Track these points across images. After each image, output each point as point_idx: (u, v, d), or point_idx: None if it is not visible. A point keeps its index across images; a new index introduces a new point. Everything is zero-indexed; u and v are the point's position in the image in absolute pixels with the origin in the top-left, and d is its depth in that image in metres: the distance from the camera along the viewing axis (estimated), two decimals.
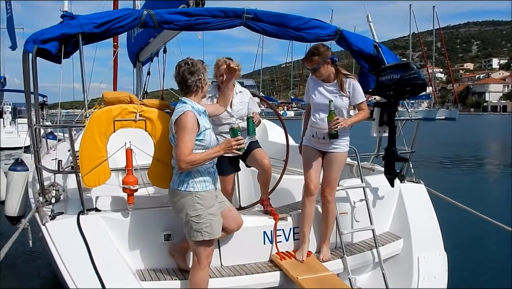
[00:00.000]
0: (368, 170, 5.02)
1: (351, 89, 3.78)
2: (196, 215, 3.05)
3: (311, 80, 3.91)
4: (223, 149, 3.05)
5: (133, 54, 9.17)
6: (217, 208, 3.19)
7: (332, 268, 3.68)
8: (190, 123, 3.01)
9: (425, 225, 4.23)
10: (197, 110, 3.13)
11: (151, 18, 3.79)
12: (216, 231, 3.12)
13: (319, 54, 3.73)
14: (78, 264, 2.98)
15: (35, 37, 3.49)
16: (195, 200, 3.06)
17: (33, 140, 3.67)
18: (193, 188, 3.08)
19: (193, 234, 3.07)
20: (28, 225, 3.58)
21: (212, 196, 3.18)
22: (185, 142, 2.98)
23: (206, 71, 3.23)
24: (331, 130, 3.61)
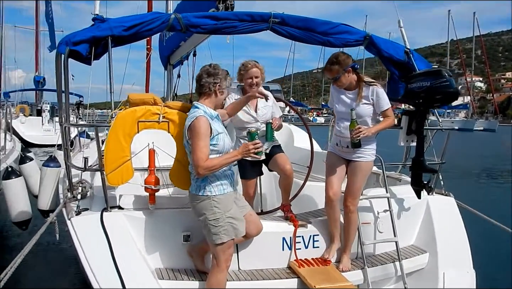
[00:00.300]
0: (395, 180, 4.90)
1: (375, 97, 3.69)
2: (214, 218, 3.07)
3: (333, 88, 3.87)
4: (241, 153, 3.04)
5: (164, 57, 9.34)
6: (236, 210, 3.19)
7: (352, 278, 3.59)
8: (203, 128, 3.02)
9: (452, 240, 4.08)
10: (209, 115, 3.14)
11: (178, 21, 3.84)
12: (235, 233, 3.12)
13: (339, 63, 3.66)
14: (99, 259, 3.06)
15: (67, 39, 3.60)
16: (212, 204, 3.07)
17: (63, 138, 3.78)
18: (210, 192, 3.09)
19: (212, 237, 3.09)
20: (55, 219, 3.71)
21: (230, 198, 3.18)
22: (200, 148, 2.99)
23: (226, 80, 3.23)
24: (353, 140, 3.55)
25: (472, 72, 79.46)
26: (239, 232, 3.16)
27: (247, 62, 4.10)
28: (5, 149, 7.45)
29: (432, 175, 4.23)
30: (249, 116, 4.10)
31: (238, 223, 3.15)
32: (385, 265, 3.83)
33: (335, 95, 3.83)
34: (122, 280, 2.93)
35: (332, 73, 3.68)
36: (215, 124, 3.14)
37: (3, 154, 7.05)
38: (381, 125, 3.72)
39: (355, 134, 3.52)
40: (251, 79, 4.05)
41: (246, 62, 4.10)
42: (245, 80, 4.08)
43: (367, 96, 3.69)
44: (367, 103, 3.70)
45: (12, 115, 22.49)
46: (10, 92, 28.62)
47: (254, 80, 4.06)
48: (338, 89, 3.80)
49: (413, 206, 4.22)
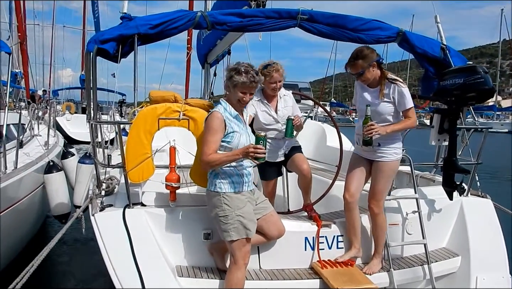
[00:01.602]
0: (428, 181, 4.72)
1: (397, 95, 3.51)
2: (223, 215, 3.07)
3: (357, 84, 3.74)
4: (242, 153, 2.97)
5: (202, 55, 9.46)
6: (249, 210, 3.16)
7: (377, 281, 3.48)
8: (215, 124, 3.02)
9: (487, 243, 3.88)
10: (229, 113, 3.13)
11: (204, 19, 3.84)
12: (244, 232, 3.09)
13: (363, 57, 3.51)
14: (120, 254, 3.10)
15: (96, 38, 3.69)
16: (222, 201, 3.08)
17: (91, 135, 3.88)
18: (220, 188, 3.10)
19: (222, 234, 3.11)
20: (82, 214, 3.80)
21: (242, 198, 3.15)
22: (208, 142, 3.01)
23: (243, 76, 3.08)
24: (364, 137, 3.40)
25: None
26: (249, 232, 3.11)
27: (271, 65, 3.96)
28: (48, 144, 7.76)
29: (464, 176, 4.02)
30: (270, 117, 4.05)
31: (249, 223, 3.11)
32: (413, 268, 3.69)
33: (358, 92, 3.71)
34: (141, 276, 2.96)
35: (355, 69, 3.53)
36: (232, 122, 3.12)
37: (46, 148, 7.34)
38: (398, 125, 3.53)
39: (366, 131, 3.37)
40: (274, 84, 3.98)
41: (271, 66, 3.95)
42: (267, 83, 3.99)
43: (389, 94, 3.54)
44: (388, 101, 3.54)
45: (59, 113, 23.62)
46: (58, 90, 29.96)
47: (277, 85, 4.00)
48: (362, 86, 3.68)
49: (445, 208, 4.04)
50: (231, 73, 3.10)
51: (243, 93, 3.11)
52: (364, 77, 3.54)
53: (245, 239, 3.11)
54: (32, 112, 9.22)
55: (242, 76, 3.05)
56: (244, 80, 3.05)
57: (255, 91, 3.28)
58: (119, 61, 3.77)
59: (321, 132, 6.49)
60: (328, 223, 3.73)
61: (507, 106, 78.65)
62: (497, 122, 66.23)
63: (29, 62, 14.90)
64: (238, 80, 3.06)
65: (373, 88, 3.63)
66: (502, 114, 71.85)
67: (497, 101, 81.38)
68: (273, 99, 4.14)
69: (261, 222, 3.31)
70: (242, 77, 3.05)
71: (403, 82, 3.60)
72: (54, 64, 33.08)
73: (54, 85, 33.23)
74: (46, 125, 9.27)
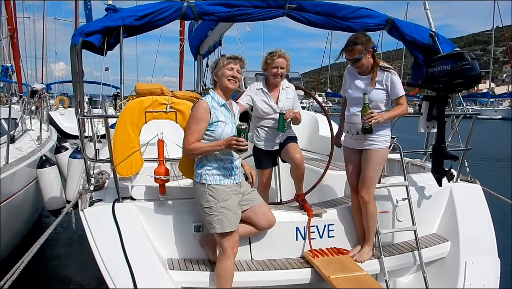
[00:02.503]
0: (419, 168, 4.74)
1: (389, 83, 3.51)
2: (208, 206, 3.10)
3: (348, 72, 3.72)
4: (224, 144, 3.00)
5: (194, 47, 9.42)
6: (233, 202, 3.16)
7: (368, 268, 3.50)
8: (200, 112, 3.06)
9: (476, 227, 3.91)
10: (217, 102, 3.16)
11: (191, 9, 3.82)
12: (228, 225, 3.10)
13: (362, 43, 3.48)
14: (109, 249, 3.09)
15: (81, 30, 3.64)
16: (207, 192, 3.11)
17: (79, 129, 3.85)
18: (205, 180, 3.12)
19: (208, 225, 3.15)
20: (72, 209, 3.79)
21: (228, 190, 3.15)
22: (191, 131, 3.06)
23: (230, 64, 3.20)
24: (365, 125, 3.40)
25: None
26: (233, 226, 3.12)
27: (275, 51, 4.01)
28: (41, 139, 7.73)
29: (453, 162, 4.04)
30: (269, 107, 4.04)
31: (231, 216, 3.12)
32: (404, 254, 3.72)
33: (349, 80, 3.69)
34: (132, 270, 2.96)
35: (353, 54, 3.49)
36: (218, 111, 3.13)
37: (39, 143, 7.31)
38: (393, 112, 3.54)
39: (367, 119, 3.37)
40: (276, 69, 3.97)
41: (274, 52, 4.00)
42: (270, 69, 4.00)
43: (381, 82, 3.53)
44: (380, 89, 3.54)
45: (52, 107, 23.43)
46: (50, 84, 29.66)
47: (279, 71, 3.98)
48: (353, 73, 3.67)
49: (435, 194, 4.07)
50: (216, 61, 3.27)
51: (231, 69, 3.18)
52: (360, 63, 3.51)
53: (230, 231, 3.12)
54: (24, 106, 9.15)
55: (225, 56, 3.23)
56: (228, 56, 3.22)
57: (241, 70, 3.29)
58: (105, 54, 3.73)
59: (314, 122, 6.50)
60: (319, 212, 3.73)
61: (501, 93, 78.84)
62: (490, 109, 66.49)
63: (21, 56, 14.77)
64: (223, 60, 3.20)
65: (364, 76, 3.61)
66: (495, 101, 72.08)
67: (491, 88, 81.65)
68: (275, 89, 4.11)
69: (249, 213, 3.32)
70: (226, 56, 3.23)
71: (394, 70, 3.61)
72: (47, 58, 32.82)
73: (47, 79, 33.00)
74: (39, 119, 9.22)
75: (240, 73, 3.26)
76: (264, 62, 4.07)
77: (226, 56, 3.22)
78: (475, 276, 3.56)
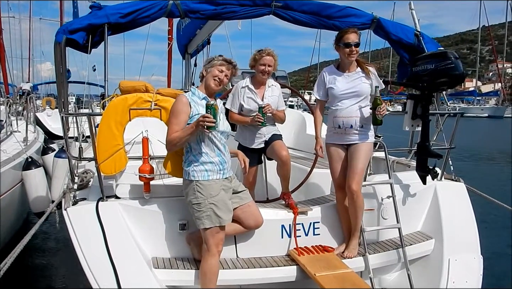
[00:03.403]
0: (404, 166, 4.77)
1: (375, 77, 3.66)
2: (196, 203, 3.10)
3: (328, 71, 3.76)
4: (195, 125, 2.98)
5: (182, 46, 9.38)
6: (223, 197, 3.16)
7: (353, 266, 3.51)
8: (178, 106, 3.12)
9: (460, 225, 3.95)
10: (198, 96, 3.21)
11: (176, 7, 3.82)
12: (217, 220, 3.10)
13: None
14: (93, 248, 3.06)
15: (65, 28, 3.62)
16: (196, 188, 3.11)
17: (63, 127, 3.81)
18: (193, 176, 3.13)
19: (196, 222, 3.14)
20: (56, 209, 3.74)
21: (216, 186, 3.15)
22: (170, 124, 3.12)
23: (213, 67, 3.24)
24: (379, 117, 3.48)
25: (504, 59, 76.89)
26: (222, 220, 3.12)
27: (264, 49, 4.06)
28: (27, 140, 7.63)
29: (437, 160, 4.09)
30: (255, 104, 4.07)
31: (222, 212, 3.12)
32: (388, 251, 3.74)
33: (332, 77, 3.71)
34: (116, 270, 2.94)
35: (357, 37, 3.60)
36: (198, 105, 3.15)
37: (25, 145, 7.21)
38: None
39: (382, 111, 3.46)
40: (264, 66, 4.01)
41: (264, 49, 4.05)
42: (258, 66, 4.04)
43: (369, 76, 3.65)
44: (367, 83, 3.65)
45: (39, 108, 23.11)
46: (37, 85, 29.25)
47: (267, 68, 4.02)
48: (335, 70, 3.74)
49: (419, 192, 4.10)
50: (211, 58, 3.33)
51: (221, 71, 3.22)
52: (357, 49, 3.60)
53: (219, 227, 3.12)
54: (10, 108, 9.02)
55: (222, 57, 3.28)
56: (224, 58, 3.26)
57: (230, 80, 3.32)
58: (89, 51, 3.71)
59: (301, 121, 6.51)
60: (305, 210, 3.74)
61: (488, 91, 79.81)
62: (477, 107, 67.35)
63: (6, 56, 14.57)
64: (217, 60, 3.25)
65: (350, 72, 3.68)
66: (482, 99, 73.03)
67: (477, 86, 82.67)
68: (261, 87, 4.15)
69: (237, 212, 3.32)
70: (222, 58, 3.27)
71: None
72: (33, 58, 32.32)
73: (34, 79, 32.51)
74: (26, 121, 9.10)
75: (228, 78, 3.29)
76: (252, 59, 4.10)
77: (222, 58, 3.26)
78: (458, 273, 3.60)
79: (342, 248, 3.70)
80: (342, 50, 3.61)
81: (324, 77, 3.76)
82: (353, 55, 3.61)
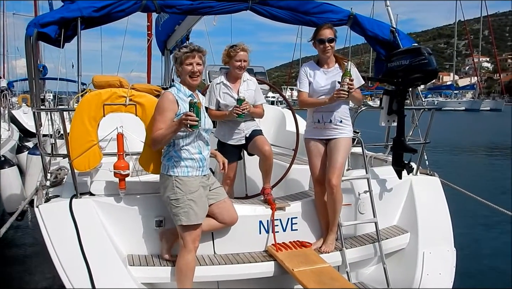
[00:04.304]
0: (381, 161, 4.83)
1: (354, 72, 3.65)
2: (175, 198, 3.07)
3: (309, 66, 3.79)
4: (178, 122, 2.94)
5: (161, 42, 9.29)
6: (200, 194, 3.14)
7: (331, 260, 3.54)
8: (165, 103, 3.06)
9: (434, 219, 4.02)
10: (183, 93, 3.15)
11: (152, 1, 3.75)
12: (194, 217, 3.08)
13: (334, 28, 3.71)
14: (66, 246, 3.01)
15: (36, 21, 3.51)
16: (174, 184, 3.08)
17: (35, 123, 3.72)
18: (173, 172, 3.10)
19: (173, 218, 3.12)
20: (27, 207, 3.65)
21: (195, 182, 3.13)
22: (155, 121, 3.08)
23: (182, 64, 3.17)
24: (343, 86, 3.46)
25: (480, 53, 78.52)
26: (200, 218, 3.11)
27: (238, 44, 4.04)
28: (0, 138, 7.43)
29: (412, 155, 4.14)
30: (231, 99, 4.06)
31: (198, 209, 3.10)
32: (365, 246, 3.78)
33: (312, 72, 3.74)
34: (90, 268, 2.90)
35: (332, 33, 3.64)
36: (186, 103, 3.11)
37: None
38: (358, 94, 3.75)
39: (348, 84, 3.45)
40: (240, 62, 4.01)
41: (238, 45, 4.03)
42: (233, 62, 4.02)
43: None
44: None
45: (15, 106, 22.53)
46: (12, 82, 28.52)
47: (242, 64, 4.02)
48: (314, 66, 3.77)
49: (396, 187, 4.15)
50: (175, 55, 3.23)
51: (189, 64, 3.14)
52: (333, 45, 3.65)
53: (195, 224, 3.10)
54: None
55: (182, 49, 3.16)
56: (185, 50, 3.13)
57: (203, 63, 3.25)
58: (61, 45, 3.62)
59: (281, 117, 6.51)
60: (282, 205, 3.75)
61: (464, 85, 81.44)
62: (455, 101, 68.71)
63: None
64: (181, 55, 3.14)
65: (328, 68, 3.71)
66: (459, 93, 74.53)
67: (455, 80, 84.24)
68: (236, 82, 4.14)
69: (213, 208, 3.31)
70: (183, 50, 3.15)
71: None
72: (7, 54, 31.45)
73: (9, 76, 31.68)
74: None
75: (201, 64, 3.20)
76: (226, 55, 4.08)
77: (182, 51, 3.14)
78: (432, 265, 3.67)
79: (319, 243, 3.72)
80: (318, 46, 3.66)
81: (306, 71, 3.78)
82: (327, 51, 3.64)
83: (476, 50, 76.61)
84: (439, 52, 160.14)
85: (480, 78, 76.99)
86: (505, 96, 72.41)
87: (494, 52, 74.46)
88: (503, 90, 74.50)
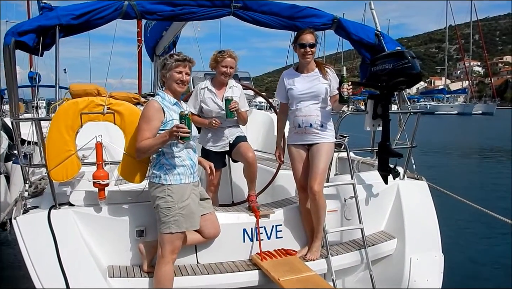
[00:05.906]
0: (369, 166, 4.78)
1: (333, 78, 3.67)
2: (166, 207, 3.02)
3: (287, 74, 3.79)
4: (168, 134, 2.91)
5: (150, 48, 9.30)
6: (191, 202, 3.10)
7: (316, 268, 3.48)
8: (150, 112, 3.03)
9: (422, 224, 3.97)
10: (168, 101, 3.12)
11: (132, 8, 3.72)
12: (184, 225, 3.04)
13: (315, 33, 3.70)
14: (44, 258, 2.94)
15: (14, 30, 3.46)
16: (166, 192, 3.03)
17: (14, 133, 3.65)
18: (165, 180, 3.05)
19: (161, 226, 3.05)
20: (7, 217, 3.57)
21: (187, 189, 3.09)
22: (140, 130, 3.02)
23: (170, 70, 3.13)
24: (343, 93, 3.46)
25: (470, 57, 79.35)
26: (190, 226, 3.07)
27: (226, 50, 4.03)
28: None
29: (398, 160, 4.10)
30: (215, 104, 4.03)
31: (191, 216, 3.06)
32: (351, 252, 3.73)
33: (291, 80, 3.72)
34: (67, 280, 2.83)
35: (313, 38, 3.63)
36: (171, 110, 3.09)
37: None
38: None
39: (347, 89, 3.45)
40: (226, 68, 3.98)
41: (225, 51, 4.02)
42: (219, 67, 4.00)
43: (327, 77, 3.67)
44: (326, 83, 3.66)
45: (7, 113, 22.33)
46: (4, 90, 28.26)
47: (228, 70, 4.00)
48: (293, 73, 3.76)
49: (382, 192, 4.11)
50: (163, 62, 3.17)
51: (179, 72, 3.12)
52: (314, 50, 3.64)
53: (181, 233, 3.06)
54: None
55: (173, 57, 3.12)
56: (177, 58, 3.11)
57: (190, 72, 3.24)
58: (40, 54, 3.57)
59: (269, 122, 6.47)
60: (266, 213, 3.69)
61: (456, 89, 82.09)
62: (447, 104, 69.22)
63: None
64: (171, 62, 3.10)
65: (308, 73, 3.70)
66: (451, 97, 75.10)
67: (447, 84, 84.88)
68: (221, 88, 4.11)
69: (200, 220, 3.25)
70: (174, 57, 3.12)
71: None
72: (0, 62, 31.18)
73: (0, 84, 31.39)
74: None
75: (189, 74, 3.21)
76: (213, 60, 4.06)
77: (174, 58, 3.12)
78: (420, 272, 3.62)
79: (304, 250, 3.67)
80: (299, 50, 3.64)
81: (284, 80, 3.77)
82: (308, 56, 3.62)
83: (467, 55, 77.28)
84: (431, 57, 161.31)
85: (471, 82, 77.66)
86: (496, 99, 72.98)
87: (485, 56, 75.25)
88: (494, 94, 75.13)
